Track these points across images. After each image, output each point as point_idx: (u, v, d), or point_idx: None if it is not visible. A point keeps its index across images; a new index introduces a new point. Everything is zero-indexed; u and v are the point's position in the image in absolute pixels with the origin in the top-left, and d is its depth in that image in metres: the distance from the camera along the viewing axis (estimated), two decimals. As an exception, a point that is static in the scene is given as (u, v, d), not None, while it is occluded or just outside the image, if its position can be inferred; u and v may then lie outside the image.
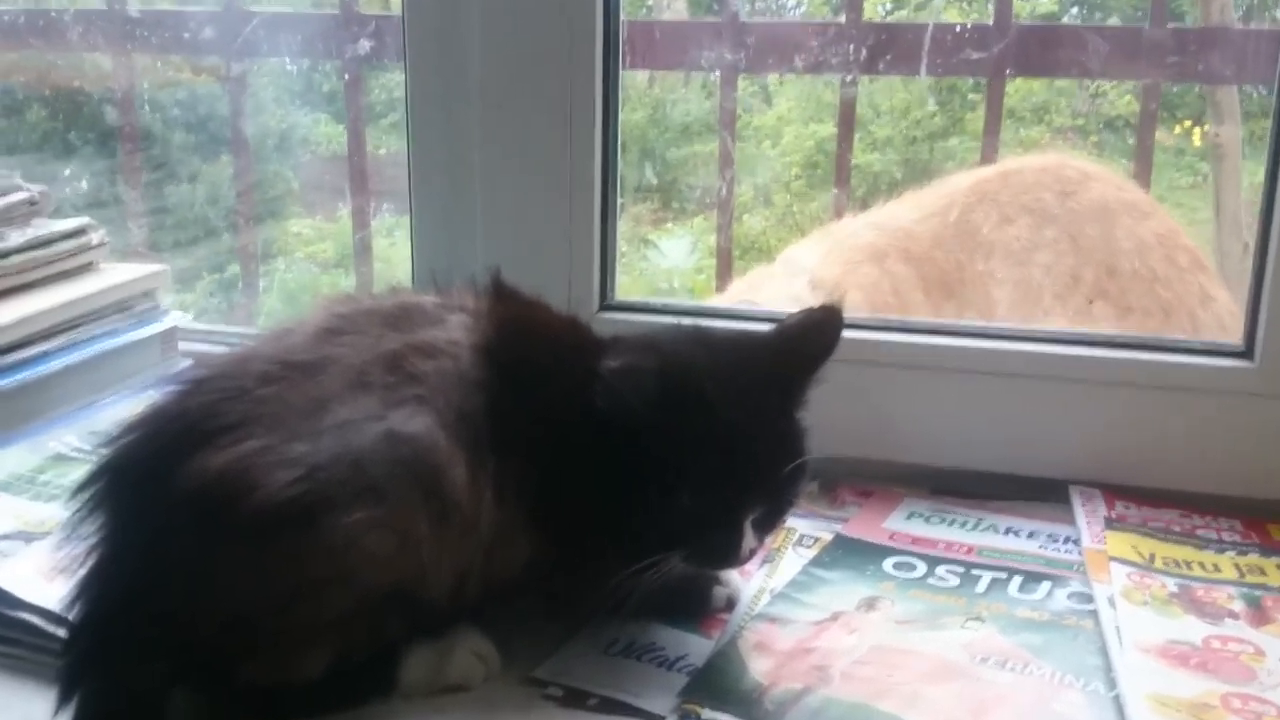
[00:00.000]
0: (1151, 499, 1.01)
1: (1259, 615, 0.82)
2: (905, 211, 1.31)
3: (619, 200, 1.14)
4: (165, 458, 0.67)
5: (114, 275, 1.22)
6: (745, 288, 1.28)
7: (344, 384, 0.71)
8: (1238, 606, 0.84)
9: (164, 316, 1.24)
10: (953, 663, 0.77)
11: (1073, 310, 1.21)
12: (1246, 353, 0.99)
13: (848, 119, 1.52)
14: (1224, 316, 1.19)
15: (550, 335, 0.79)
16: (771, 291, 1.23)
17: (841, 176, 1.53)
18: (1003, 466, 1.04)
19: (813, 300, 1.18)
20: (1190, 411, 0.99)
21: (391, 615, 0.70)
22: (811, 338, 0.81)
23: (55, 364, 1.09)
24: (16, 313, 1.09)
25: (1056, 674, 0.76)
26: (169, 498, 0.66)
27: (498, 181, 1.12)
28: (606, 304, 1.13)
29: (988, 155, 1.38)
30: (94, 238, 1.24)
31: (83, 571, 0.69)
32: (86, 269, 1.22)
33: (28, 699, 0.73)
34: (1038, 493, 1.03)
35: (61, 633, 0.73)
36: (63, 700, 0.67)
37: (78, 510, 0.69)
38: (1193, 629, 0.80)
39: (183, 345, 1.26)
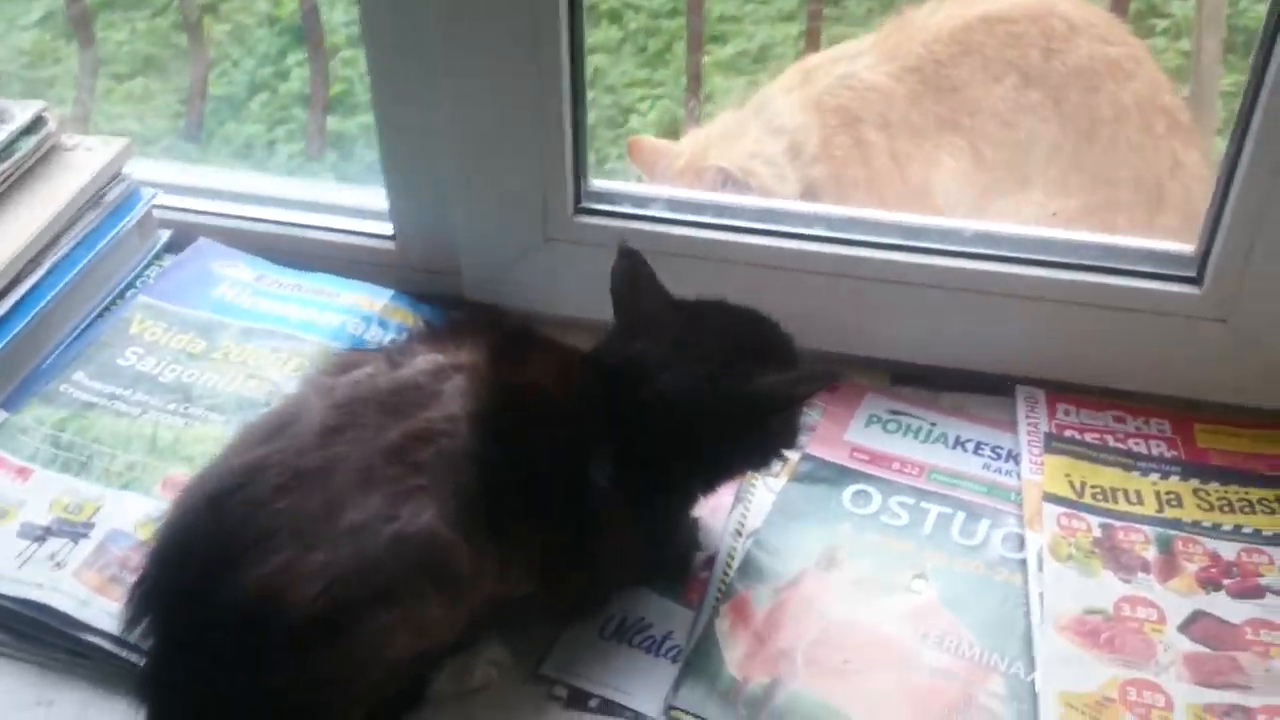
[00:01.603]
0: (1091, 398, 1.10)
1: (1168, 564, 0.95)
2: (881, 62, 1.27)
3: (588, 97, 1.12)
4: (202, 575, 0.76)
5: (79, 165, 1.20)
6: (719, 136, 1.27)
7: (352, 484, 0.77)
8: (1151, 554, 0.96)
9: (139, 198, 1.23)
10: (897, 642, 0.90)
11: (1050, 181, 1.22)
12: (1196, 279, 1.03)
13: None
14: (1191, 184, 1.20)
15: (549, 392, 0.84)
16: (746, 150, 1.23)
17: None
18: (956, 363, 1.13)
19: (788, 169, 1.21)
20: (1135, 327, 1.05)
21: (417, 667, 0.82)
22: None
23: (49, 296, 1.11)
24: (-6, 247, 1.09)
25: (985, 653, 0.89)
26: (213, 616, 0.75)
27: (465, 84, 1.09)
28: (581, 207, 1.15)
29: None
30: (52, 122, 1.21)
31: (142, 672, 0.79)
32: (47, 158, 1.21)
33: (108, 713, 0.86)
34: (987, 386, 1.12)
35: (130, 655, 0.85)
36: None
37: (127, 620, 0.79)
38: (1108, 589, 0.93)
39: (158, 214, 1.27)
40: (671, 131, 2.25)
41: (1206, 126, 1.41)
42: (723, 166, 1.24)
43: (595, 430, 0.85)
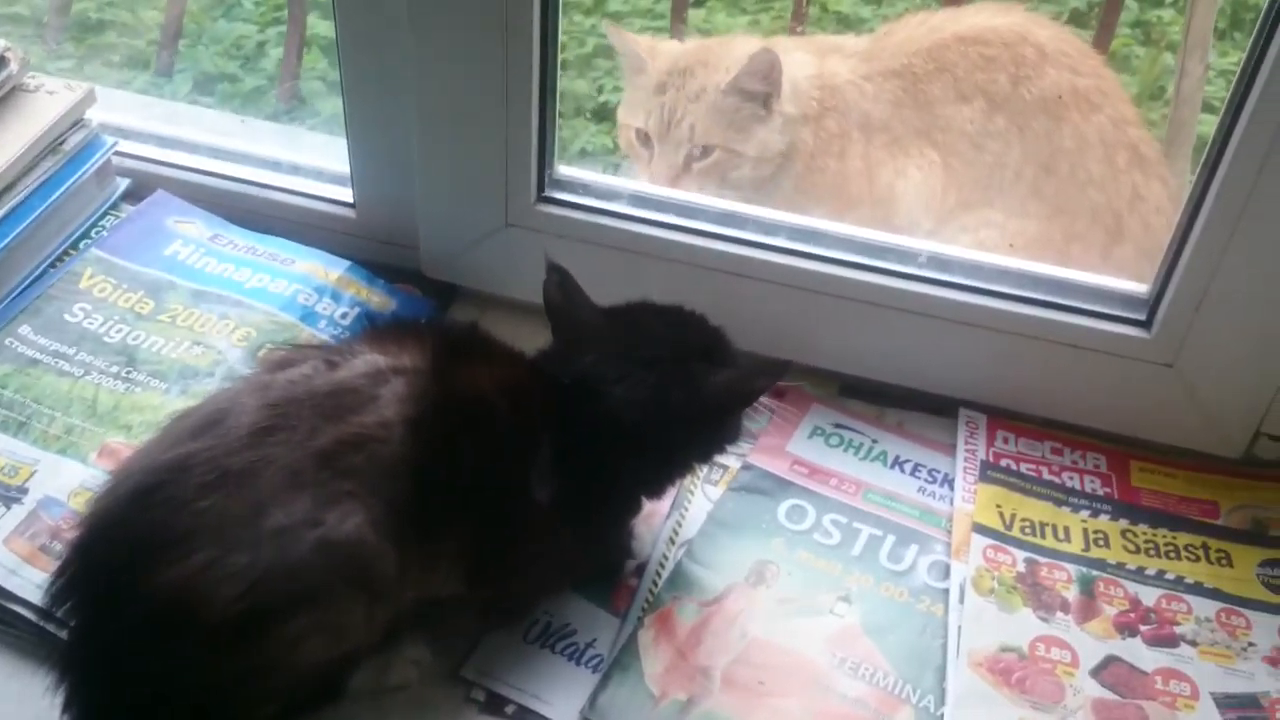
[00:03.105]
0: (1032, 427, 1.11)
1: (1087, 607, 0.96)
2: (872, 62, 1.25)
3: (558, 80, 1.10)
4: (123, 572, 0.76)
5: (40, 109, 1.18)
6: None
7: (279, 485, 0.77)
8: (1072, 594, 0.97)
9: (99, 145, 1.22)
10: (814, 666, 0.91)
11: (1012, 202, 1.21)
12: (1146, 323, 1.04)
13: None
14: (1150, 216, 1.20)
15: (489, 400, 0.84)
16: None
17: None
18: (903, 381, 1.13)
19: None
20: (1082, 363, 1.06)
21: (336, 666, 0.83)
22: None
23: (1, 245, 1.10)
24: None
25: (898, 683, 0.91)
26: (130, 611, 0.75)
27: (432, 58, 1.07)
28: (544, 195, 1.14)
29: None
30: (14, 62, 1.18)
31: (61, 653, 0.80)
32: (8, 99, 1.18)
33: (31, 683, 0.86)
34: (932, 405, 1.13)
35: (54, 628, 0.86)
36: None
37: (49, 603, 0.79)
38: (1025, 627, 0.94)
39: (117, 161, 1.25)
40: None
41: (1182, 150, 1.41)
42: (773, 50, 1.22)
43: (537, 442, 0.86)
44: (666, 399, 0.87)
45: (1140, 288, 1.06)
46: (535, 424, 0.86)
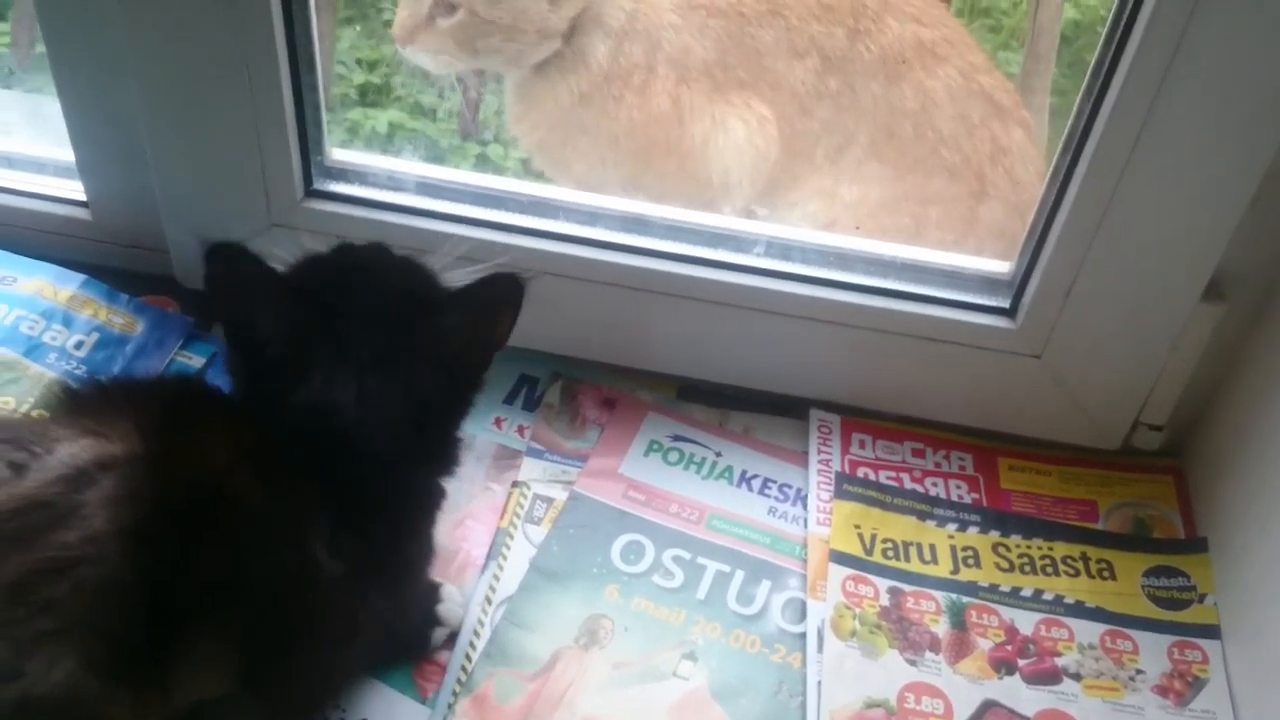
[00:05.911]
0: (890, 426, 0.99)
1: (960, 642, 0.86)
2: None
3: (315, 48, 0.91)
4: None
5: None
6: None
7: (-42, 636, 0.60)
8: (942, 629, 0.86)
9: None
10: (657, 747, 0.79)
11: (842, 171, 1.07)
12: (1010, 311, 0.92)
13: None
14: (1014, 168, 1.08)
15: (229, 478, 0.67)
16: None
17: None
18: (747, 383, 1.00)
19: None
20: (942, 357, 0.94)
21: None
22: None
23: None
24: None
25: (753, 760, 0.79)
26: None
27: (144, 34, 0.87)
28: (313, 188, 0.95)
29: None
30: None
31: None
32: None
33: None
34: (780, 406, 1.00)
35: None
36: None
37: None
38: (893, 675, 0.83)
39: None
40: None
41: (1041, 84, 1.29)
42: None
43: (311, 504, 0.69)
44: (426, 397, 0.72)
45: (1002, 269, 0.94)
46: (303, 482, 0.69)
